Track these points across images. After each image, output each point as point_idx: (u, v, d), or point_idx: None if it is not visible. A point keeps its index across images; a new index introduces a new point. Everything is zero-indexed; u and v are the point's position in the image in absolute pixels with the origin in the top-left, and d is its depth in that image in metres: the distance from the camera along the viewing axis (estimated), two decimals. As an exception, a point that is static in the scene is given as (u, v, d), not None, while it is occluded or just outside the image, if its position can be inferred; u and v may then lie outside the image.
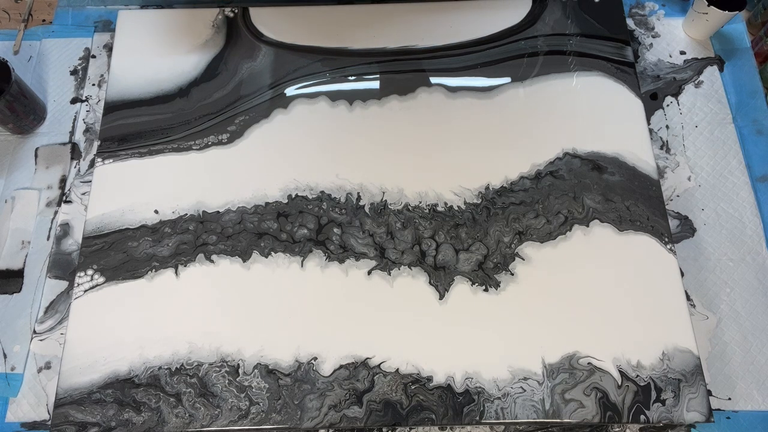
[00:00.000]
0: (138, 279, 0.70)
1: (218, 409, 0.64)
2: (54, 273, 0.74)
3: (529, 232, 0.71)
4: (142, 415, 0.64)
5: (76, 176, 0.79)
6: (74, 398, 0.64)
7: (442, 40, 0.83)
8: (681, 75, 0.86)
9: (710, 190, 0.79)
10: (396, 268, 0.70)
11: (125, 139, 0.77)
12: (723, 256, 0.75)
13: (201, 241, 0.71)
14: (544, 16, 0.85)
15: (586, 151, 0.76)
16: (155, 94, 0.80)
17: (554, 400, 0.64)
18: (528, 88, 0.80)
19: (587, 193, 0.73)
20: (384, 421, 0.64)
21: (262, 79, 0.81)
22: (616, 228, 0.71)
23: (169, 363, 0.66)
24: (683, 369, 0.65)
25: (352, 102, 0.79)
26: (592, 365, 0.65)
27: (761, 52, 0.89)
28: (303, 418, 0.63)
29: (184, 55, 0.82)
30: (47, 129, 0.82)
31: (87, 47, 0.88)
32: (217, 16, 0.85)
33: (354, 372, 0.65)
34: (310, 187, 0.74)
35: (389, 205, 0.73)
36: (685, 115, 0.83)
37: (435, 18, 0.85)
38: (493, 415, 0.63)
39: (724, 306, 0.73)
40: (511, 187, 0.74)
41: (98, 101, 0.84)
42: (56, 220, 0.77)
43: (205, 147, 0.77)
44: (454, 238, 0.71)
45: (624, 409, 0.63)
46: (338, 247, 0.71)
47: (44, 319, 0.72)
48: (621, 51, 0.82)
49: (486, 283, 0.69)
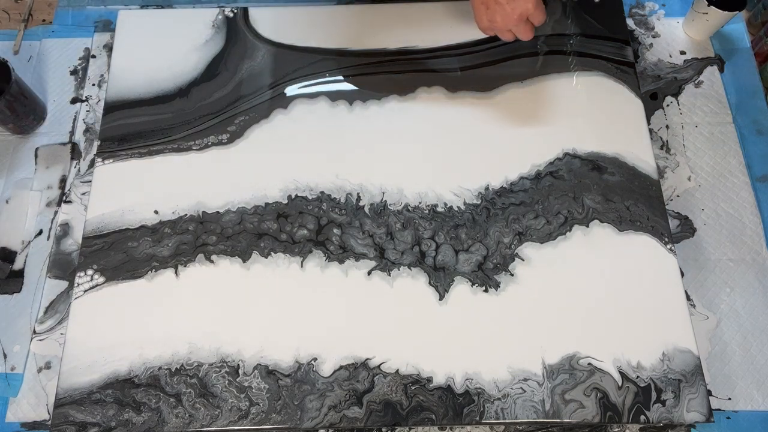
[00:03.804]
0: (138, 279, 0.70)
1: (218, 409, 0.64)
2: (54, 273, 0.74)
3: (529, 232, 0.71)
4: (142, 415, 0.64)
5: (76, 176, 0.79)
6: (74, 398, 0.64)
7: (442, 40, 0.83)
8: (681, 75, 0.86)
9: (710, 190, 0.79)
10: (396, 269, 0.70)
11: (125, 139, 0.77)
12: (723, 256, 0.75)
13: (201, 242, 0.71)
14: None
15: (586, 151, 0.76)
16: (155, 94, 0.80)
17: (554, 401, 0.64)
18: (528, 88, 0.80)
19: (587, 194, 0.73)
20: (384, 421, 0.64)
21: (262, 79, 0.81)
22: (616, 228, 0.71)
23: (169, 363, 0.66)
24: (683, 369, 0.65)
25: (352, 102, 0.79)
26: (592, 366, 0.65)
27: (761, 52, 0.89)
28: (303, 418, 0.63)
29: (184, 55, 0.82)
30: (47, 129, 0.83)
31: (87, 47, 0.88)
32: (217, 16, 0.85)
33: (354, 373, 0.65)
34: (309, 188, 0.74)
35: (389, 206, 0.73)
36: (685, 115, 0.83)
37: (435, 18, 0.85)
38: (493, 416, 0.63)
39: (724, 306, 0.73)
40: (510, 188, 0.74)
41: (98, 101, 0.84)
42: (56, 220, 0.77)
43: (205, 147, 0.77)
44: (454, 239, 0.71)
45: (624, 410, 0.63)
46: (338, 247, 0.71)
47: (44, 319, 0.72)
48: (621, 51, 0.82)
49: (486, 284, 0.69)
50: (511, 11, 0.66)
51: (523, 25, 0.68)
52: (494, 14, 0.68)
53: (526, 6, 0.66)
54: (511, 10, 0.66)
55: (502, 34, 0.70)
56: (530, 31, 0.69)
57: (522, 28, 0.69)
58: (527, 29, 0.69)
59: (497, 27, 0.69)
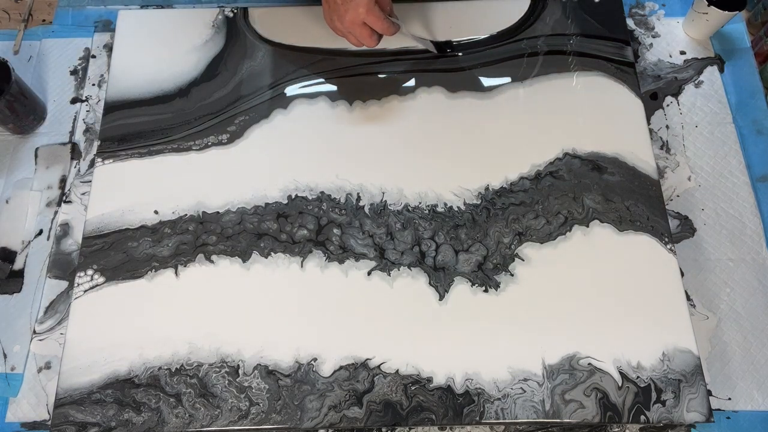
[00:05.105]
0: (138, 279, 0.70)
1: (218, 409, 0.64)
2: (54, 273, 0.74)
3: (529, 232, 0.71)
4: (142, 415, 0.64)
5: (76, 176, 0.79)
6: (74, 398, 0.64)
7: (443, 39, 0.83)
8: (681, 75, 0.86)
9: (710, 190, 0.79)
10: (396, 269, 0.70)
11: (125, 139, 0.77)
12: (723, 256, 0.75)
13: (201, 242, 0.71)
14: (544, 16, 0.85)
15: (586, 151, 0.76)
16: (155, 94, 0.80)
17: (554, 401, 0.64)
18: (528, 88, 0.80)
19: (587, 194, 0.73)
20: (384, 421, 0.64)
21: (262, 79, 0.81)
22: (616, 228, 0.71)
23: (169, 363, 0.66)
24: (683, 369, 0.65)
25: (352, 102, 0.79)
26: (592, 366, 0.65)
27: (761, 52, 0.89)
28: (303, 418, 0.63)
29: (184, 55, 0.82)
30: (47, 129, 0.82)
31: (87, 47, 0.88)
32: (217, 16, 0.85)
33: (354, 373, 0.65)
34: (309, 188, 0.74)
35: (389, 206, 0.73)
36: (685, 115, 0.83)
37: (435, 18, 0.85)
38: (493, 416, 0.63)
39: (724, 306, 0.73)
40: (510, 188, 0.74)
41: (98, 101, 0.84)
42: (56, 220, 0.77)
43: (205, 147, 0.77)
44: (454, 239, 0.71)
45: (624, 410, 0.63)
46: (338, 247, 0.71)
47: (44, 319, 0.72)
48: (621, 51, 0.82)
49: (486, 284, 0.69)
50: (344, 13, 0.66)
51: (359, 29, 0.67)
52: (332, 13, 0.68)
53: (357, 10, 0.65)
54: (344, 12, 0.66)
55: (345, 36, 0.69)
56: (369, 36, 0.68)
57: (359, 32, 0.67)
58: (364, 34, 0.68)
59: (336, 27, 0.69)
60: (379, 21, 0.67)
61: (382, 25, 0.67)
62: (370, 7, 0.65)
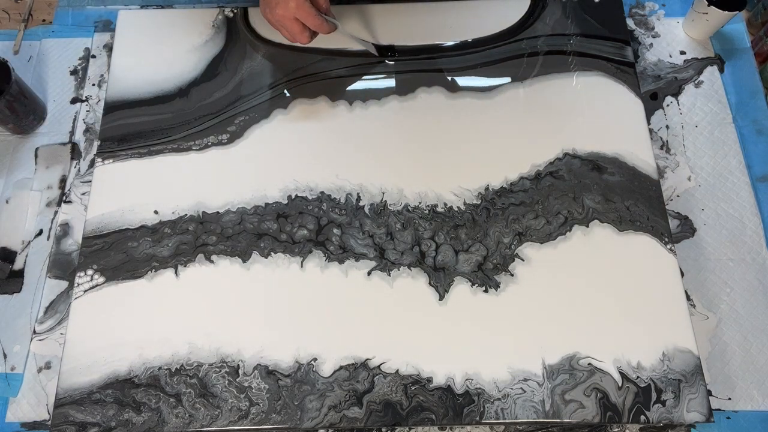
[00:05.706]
0: (138, 279, 0.70)
1: (218, 409, 0.64)
2: (54, 273, 0.74)
3: (529, 232, 0.71)
4: (142, 415, 0.64)
5: (76, 176, 0.79)
6: (74, 398, 0.64)
7: (443, 40, 0.83)
8: (681, 75, 0.86)
9: (710, 190, 0.79)
10: (396, 269, 0.70)
11: (125, 139, 0.77)
12: (723, 256, 0.75)
13: (201, 242, 0.71)
14: (544, 16, 0.85)
15: (586, 151, 0.76)
16: (155, 94, 0.80)
17: (554, 401, 0.64)
18: (528, 88, 0.80)
19: (587, 194, 0.73)
20: (384, 421, 0.64)
21: (262, 79, 0.81)
22: (616, 228, 0.71)
23: (168, 363, 0.66)
24: (683, 369, 0.65)
25: (352, 102, 0.79)
26: (592, 366, 0.65)
27: (761, 52, 0.89)
28: (303, 418, 0.63)
29: (184, 55, 0.82)
30: (47, 129, 0.82)
31: (87, 47, 0.88)
32: (217, 16, 0.85)
33: (354, 373, 0.65)
34: (309, 188, 0.74)
35: (389, 206, 0.73)
36: (685, 115, 0.83)
37: (435, 18, 0.84)
38: (493, 416, 0.63)
39: (724, 306, 0.73)
40: (510, 188, 0.74)
41: (98, 101, 0.84)
42: (56, 220, 0.77)
43: (205, 147, 0.77)
44: (454, 239, 0.71)
45: (624, 410, 0.63)
46: (338, 247, 0.71)
47: (44, 319, 0.72)
48: (621, 51, 0.82)
49: (486, 284, 0.69)
50: (275, 6, 0.66)
51: (289, 23, 0.67)
52: (265, 6, 0.68)
53: (287, 4, 0.65)
54: (275, 5, 0.66)
55: (278, 29, 0.69)
56: (300, 32, 0.68)
57: (289, 26, 0.67)
58: (295, 29, 0.68)
59: (269, 20, 0.69)
60: (310, 17, 0.67)
61: (314, 22, 0.67)
62: (301, 2, 0.65)
